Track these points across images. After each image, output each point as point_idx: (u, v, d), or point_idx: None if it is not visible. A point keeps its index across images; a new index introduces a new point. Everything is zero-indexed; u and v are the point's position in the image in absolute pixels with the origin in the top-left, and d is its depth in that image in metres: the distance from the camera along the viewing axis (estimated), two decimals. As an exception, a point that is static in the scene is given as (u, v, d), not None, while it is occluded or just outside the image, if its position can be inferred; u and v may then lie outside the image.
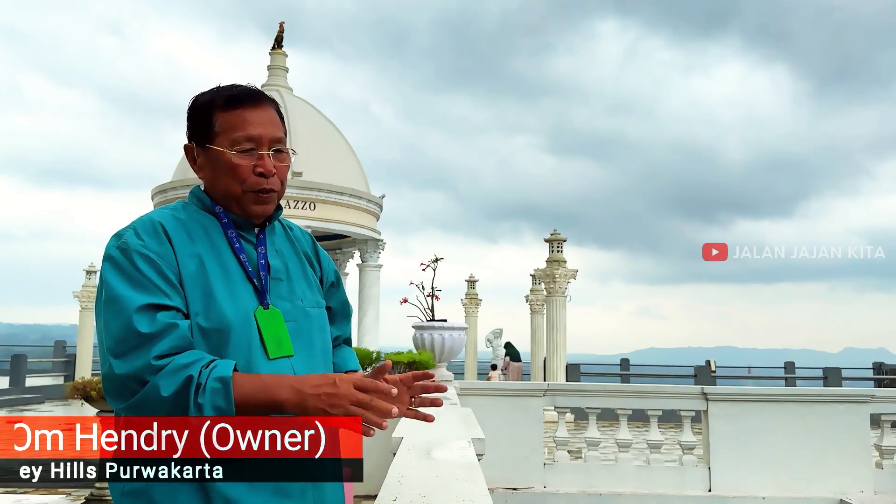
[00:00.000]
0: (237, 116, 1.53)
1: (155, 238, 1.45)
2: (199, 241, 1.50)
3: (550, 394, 7.51)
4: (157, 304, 1.38)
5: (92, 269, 19.51)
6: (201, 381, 1.30)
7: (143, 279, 1.39)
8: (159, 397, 1.30)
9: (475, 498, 1.53)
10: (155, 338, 1.34)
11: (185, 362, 1.32)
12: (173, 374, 1.31)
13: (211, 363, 1.33)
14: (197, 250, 1.48)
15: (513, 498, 6.99)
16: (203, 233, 1.53)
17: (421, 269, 7.76)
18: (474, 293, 21.33)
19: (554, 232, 16.09)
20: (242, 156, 1.52)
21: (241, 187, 1.53)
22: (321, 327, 1.62)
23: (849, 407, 7.23)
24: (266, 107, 1.57)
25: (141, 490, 1.35)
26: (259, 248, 1.56)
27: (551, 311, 15.64)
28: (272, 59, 15.53)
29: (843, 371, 20.17)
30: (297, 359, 1.50)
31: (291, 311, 1.54)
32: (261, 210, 1.55)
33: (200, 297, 1.44)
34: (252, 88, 1.58)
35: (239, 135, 1.52)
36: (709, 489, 7.11)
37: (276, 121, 1.57)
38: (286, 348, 1.49)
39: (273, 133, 1.55)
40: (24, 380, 17.81)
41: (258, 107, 1.55)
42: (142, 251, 1.42)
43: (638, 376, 20.84)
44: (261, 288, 1.51)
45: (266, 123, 1.54)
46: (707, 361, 19.94)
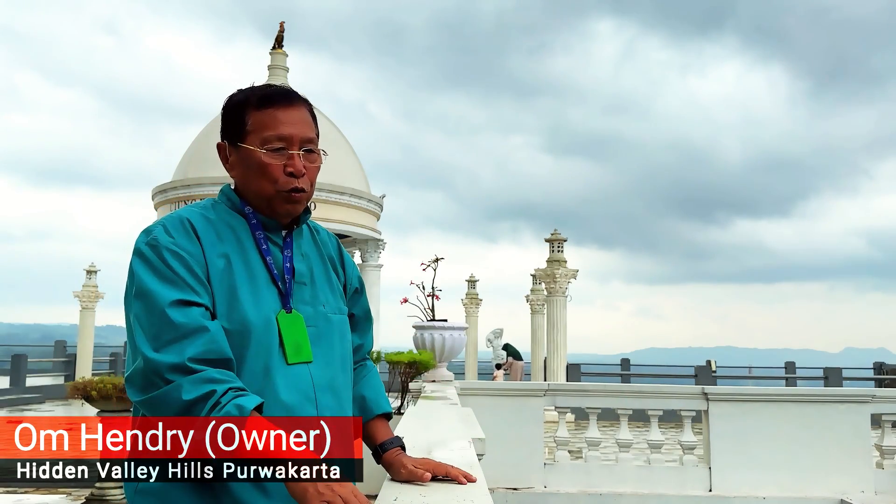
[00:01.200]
0: (269, 115, 1.53)
1: (185, 235, 1.46)
2: (227, 241, 1.51)
3: (551, 394, 7.51)
4: (189, 301, 1.39)
5: (92, 268, 19.49)
6: (222, 400, 1.30)
7: (174, 275, 1.41)
8: (179, 399, 1.30)
9: (475, 498, 1.54)
10: (188, 336, 1.35)
11: (217, 378, 1.33)
12: (200, 383, 1.31)
13: (240, 390, 1.32)
14: (225, 250, 1.49)
15: (513, 498, 6.99)
16: (231, 233, 1.53)
17: (421, 268, 7.77)
18: (475, 293, 21.33)
19: (554, 232, 16.09)
20: (273, 155, 1.52)
21: (272, 187, 1.53)
22: (342, 334, 1.60)
23: (849, 407, 7.23)
24: (299, 106, 1.57)
25: (154, 490, 1.36)
26: (285, 250, 1.56)
27: (552, 310, 15.64)
28: (272, 59, 15.54)
29: (843, 371, 20.16)
30: (315, 365, 1.50)
31: (313, 316, 1.54)
32: (291, 209, 1.55)
33: (225, 298, 1.45)
34: (285, 88, 1.59)
35: (270, 134, 1.52)
36: (709, 489, 7.11)
37: (307, 120, 1.57)
38: (305, 354, 1.49)
39: (304, 133, 1.54)
40: (24, 379, 17.80)
41: (291, 106, 1.55)
42: (171, 248, 1.43)
43: (638, 376, 20.84)
44: (285, 291, 1.51)
45: (297, 123, 1.54)
46: (707, 361, 19.93)
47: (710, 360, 20.03)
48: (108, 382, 7.03)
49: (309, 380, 1.47)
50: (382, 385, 1.77)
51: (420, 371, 6.92)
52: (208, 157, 14.15)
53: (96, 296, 19.24)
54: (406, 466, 1.56)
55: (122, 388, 7.08)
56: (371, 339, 1.80)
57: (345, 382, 1.59)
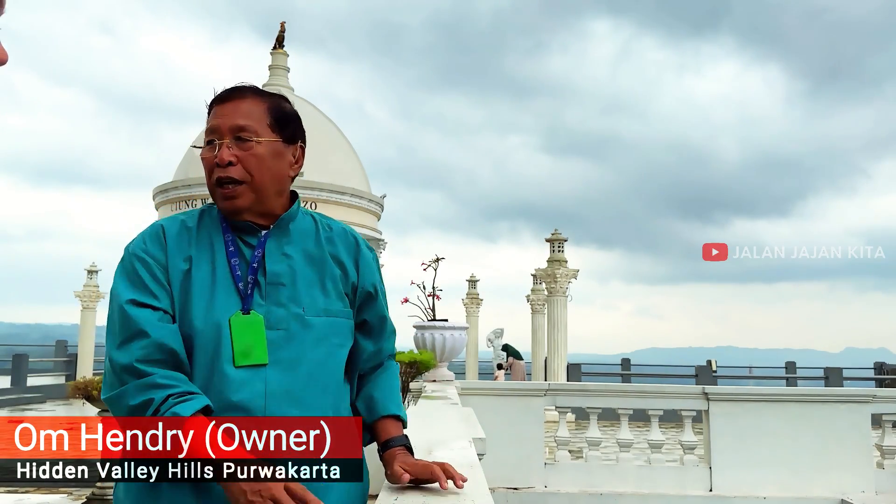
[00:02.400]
0: (210, 114, 1.54)
1: (155, 242, 1.50)
2: (200, 247, 1.51)
3: (551, 393, 7.51)
4: (142, 303, 1.43)
5: (93, 268, 19.50)
6: (161, 408, 1.32)
7: (137, 279, 1.46)
8: (126, 404, 1.35)
9: (476, 497, 1.53)
10: (136, 337, 1.39)
11: (159, 384, 1.35)
12: (142, 390, 1.35)
13: (182, 395, 1.34)
14: (191, 254, 1.49)
15: (514, 497, 6.99)
16: (207, 237, 1.53)
17: (422, 268, 7.77)
18: (475, 293, 21.33)
19: (555, 232, 16.09)
20: (206, 149, 1.51)
21: (209, 182, 1.53)
22: (323, 338, 1.51)
23: (850, 407, 7.23)
24: (238, 99, 1.53)
25: (146, 490, 1.37)
26: (257, 250, 1.52)
27: (552, 310, 15.64)
28: (273, 59, 15.54)
29: (844, 371, 20.15)
30: (273, 369, 1.44)
31: (284, 319, 1.48)
32: (227, 206, 1.51)
33: (180, 302, 1.46)
34: (236, 86, 1.55)
35: (205, 129, 1.54)
36: (710, 489, 7.11)
37: (243, 110, 1.51)
38: (256, 357, 1.44)
39: (233, 121, 1.49)
40: (25, 379, 17.81)
41: (229, 100, 1.52)
42: (139, 254, 1.48)
43: (639, 376, 20.84)
44: (244, 293, 1.47)
45: (228, 114, 1.50)
46: (708, 361, 19.93)
47: (711, 360, 20.02)
48: (109, 382, 7.03)
49: (260, 384, 1.43)
50: (396, 387, 1.68)
51: (420, 371, 6.93)
52: (209, 157, 14.12)
53: (97, 296, 19.25)
54: (392, 466, 1.51)
55: (123, 387, 7.08)
56: (390, 344, 1.72)
57: (317, 388, 1.49)
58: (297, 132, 1.59)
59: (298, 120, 1.62)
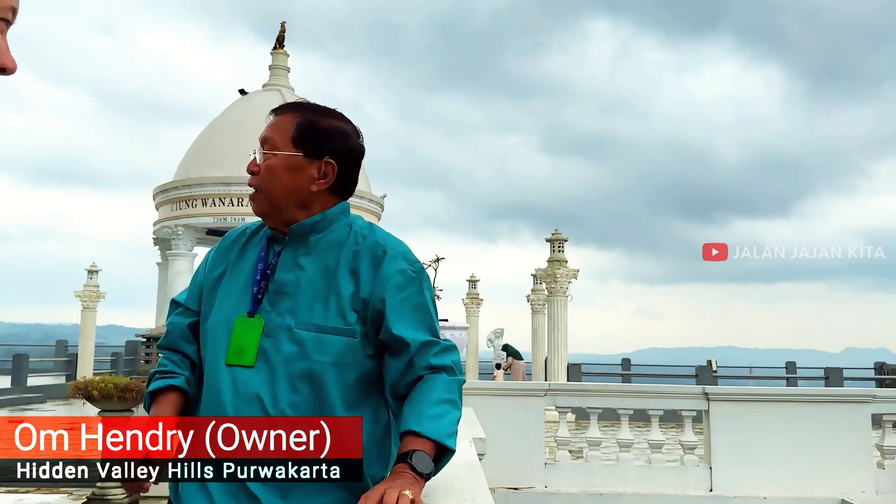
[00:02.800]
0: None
1: (215, 248, 1.72)
2: (246, 250, 1.66)
3: (552, 393, 7.51)
4: (177, 302, 1.70)
5: (93, 268, 19.49)
6: (148, 384, 1.60)
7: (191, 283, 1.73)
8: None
9: (476, 497, 1.54)
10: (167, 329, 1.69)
11: (160, 364, 1.63)
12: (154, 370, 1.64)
13: (164, 375, 1.59)
14: (231, 259, 1.65)
15: (514, 497, 6.99)
16: (256, 243, 1.66)
17: (422, 268, 7.76)
18: (475, 293, 21.34)
19: (555, 231, 16.09)
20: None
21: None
22: (305, 354, 1.49)
23: (850, 407, 7.22)
24: (279, 114, 1.63)
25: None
26: (273, 258, 1.59)
27: (552, 310, 15.64)
28: (273, 59, 15.54)
29: (844, 371, 20.16)
30: (255, 372, 1.48)
31: (275, 329, 1.51)
32: (252, 209, 1.63)
33: (208, 301, 1.62)
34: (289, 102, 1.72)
35: None
36: (710, 489, 7.11)
37: (274, 123, 1.61)
38: (246, 359, 1.49)
39: (264, 134, 1.61)
40: (25, 379, 17.81)
41: (274, 114, 1.64)
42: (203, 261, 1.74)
43: (639, 376, 20.85)
44: (256, 297, 1.55)
45: (267, 127, 1.62)
46: (708, 361, 19.93)
47: (711, 360, 20.03)
48: (110, 382, 7.04)
49: (243, 384, 1.48)
50: (429, 400, 1.48)
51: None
52: (209, 157, 14.15)
53: (97, 295, 19.24)
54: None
55: (123, 387, 7.10)
56: (426, 358, 1.53)
57: (291, 401, 1.47)
58: (324, 147, 1.59)
59: (331, 135, 1.60)
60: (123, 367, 19.74)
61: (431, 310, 1.59)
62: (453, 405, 1.49)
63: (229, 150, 13.82)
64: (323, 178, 1.58)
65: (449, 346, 1.57)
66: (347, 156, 1.61)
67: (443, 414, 1.45)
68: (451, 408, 1.48)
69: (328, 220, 1.60)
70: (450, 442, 1.44)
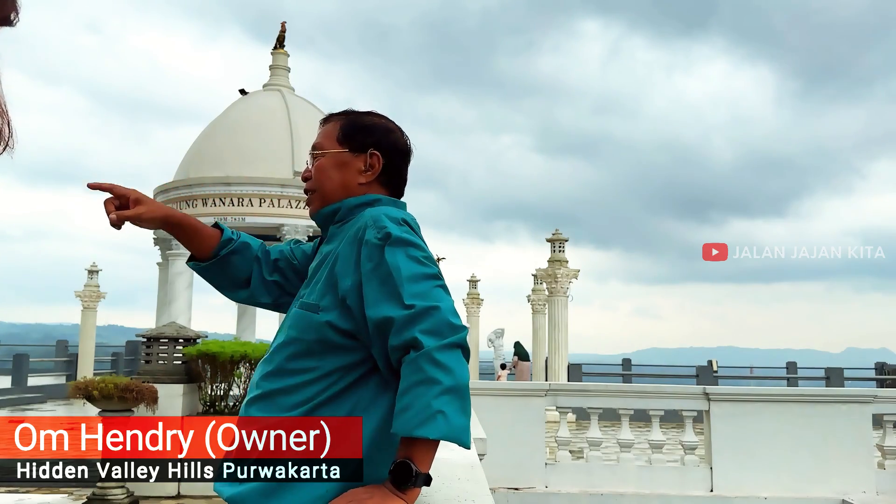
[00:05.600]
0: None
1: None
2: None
3: (552, 394, 7.51)
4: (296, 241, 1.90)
5: (94, 268, 19.49)
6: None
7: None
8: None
9: (477, 497, 1.53)
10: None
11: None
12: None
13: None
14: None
15: (514, 498, 6.99)
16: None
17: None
18: (476, 293, 21.35)
19: (556, 232, 16.09)
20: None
21: None
22: (286, 328, 1.58)
23: (851, 407, 7.22)
24: (323, 124, 1.73)
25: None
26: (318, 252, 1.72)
27: (553, 310, 15.64)
28: (274, 59, 15.55)
29: (845, 371, 20.15)
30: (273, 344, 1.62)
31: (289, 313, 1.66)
32: (309, 212, 1.73)
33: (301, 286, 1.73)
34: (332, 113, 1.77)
35: None
36: (710, 489, 7.11)
37: (321, 131, 1.72)
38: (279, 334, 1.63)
39: (313, 142, 1.72)
40: (26, 379, 17.83)
41: (321, 125, 1.75)
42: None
43: (640, 376, 20.84)
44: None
45: (316, 136, 1.72)
46: (709, 361, 19.93)
47: (712, 360, 20.03)
48: (110, 382, 7.04)
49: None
50: (414, 395, 1.33)
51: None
52: (210, 157, 14.16)
53: (98, 295, 19.25)
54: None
55: (124, 387, 7.10)
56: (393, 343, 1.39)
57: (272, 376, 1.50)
58: (367, 140, 1.65)
59: (372, 129, 1.66)
60: (124, 367, 19.75)
61: (402, 272, 1.42)
62: (424, 383, 1.32)
63: (230, 150, 13.82)
64: (370, 170, 1.63)
65: (419, 312, 1.37)
66: (392, 148, 1.66)
67: (408, 404, 1.31)
68: (422, 389, 1.31)
69: (346, 210, 1.60)
70: (422, 431, 1.29)
